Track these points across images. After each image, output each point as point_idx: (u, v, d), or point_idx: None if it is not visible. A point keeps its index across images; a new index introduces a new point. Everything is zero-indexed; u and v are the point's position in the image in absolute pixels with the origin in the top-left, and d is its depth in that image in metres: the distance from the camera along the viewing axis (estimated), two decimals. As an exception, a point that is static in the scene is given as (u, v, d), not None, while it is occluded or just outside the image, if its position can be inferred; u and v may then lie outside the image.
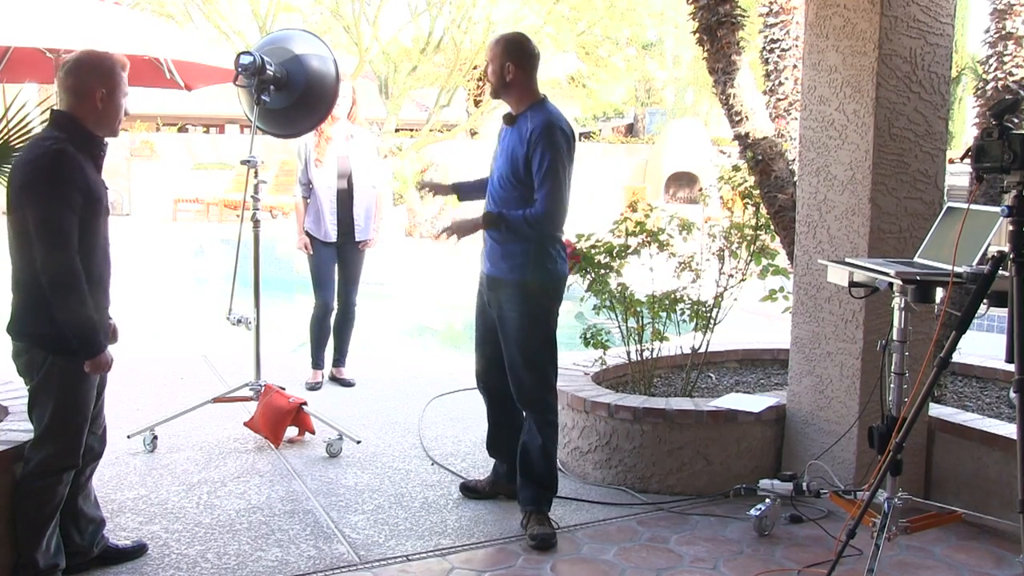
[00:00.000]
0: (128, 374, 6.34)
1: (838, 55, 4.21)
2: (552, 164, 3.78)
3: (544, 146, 3.78)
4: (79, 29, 5.84)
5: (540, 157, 3.78)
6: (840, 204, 4.25)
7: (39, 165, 3.10)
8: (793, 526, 4.08)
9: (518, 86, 3.95)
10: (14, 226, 3.15)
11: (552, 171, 3.78)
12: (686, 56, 24.36)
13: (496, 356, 4.10)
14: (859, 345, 4.18)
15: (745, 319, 6.78)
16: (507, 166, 3.92)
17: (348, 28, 20.94)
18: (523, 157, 3.84)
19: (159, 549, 3.75)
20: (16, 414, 3.67)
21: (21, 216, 3.11)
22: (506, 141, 3.99)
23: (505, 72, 3.92)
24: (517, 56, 3.93)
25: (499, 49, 3.94)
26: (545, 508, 4.04)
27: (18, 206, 3.12)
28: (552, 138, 3.79)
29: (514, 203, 3.89)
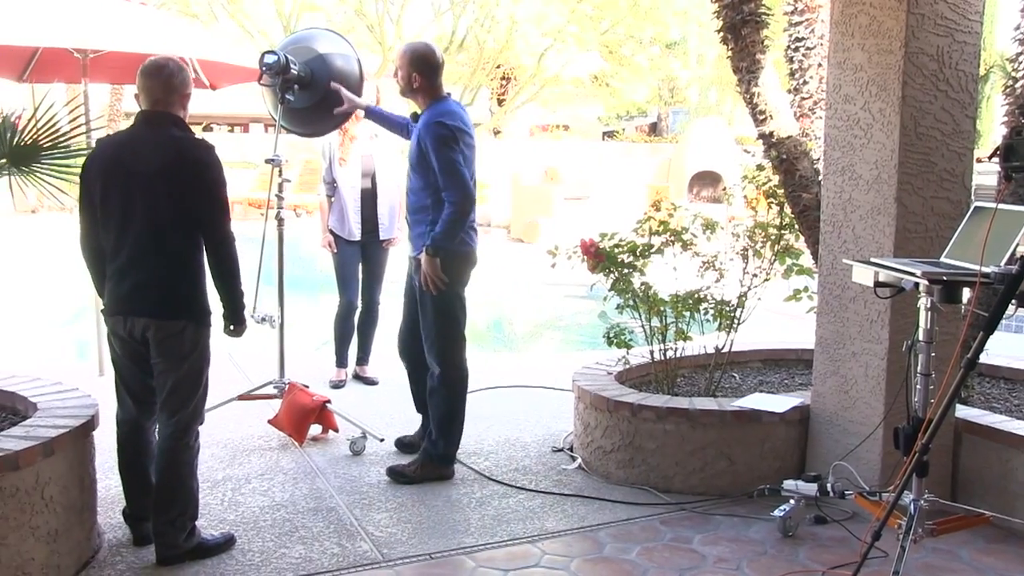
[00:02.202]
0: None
1: (864, 53, 4.18)
2: (440, 158, 4.33)
3: (431, 142, 4.34)
4: (106, 30, 5.90)
5: (434, 154, 4.34)
6: (865, 203, 4.22)
7: (215, 157, 3.55)
8: (817, 527, 4.06)
9: (422, 90, 4.50)
10: (183, 215, 3.50)
11: (444, 165, 4.33)
12: (710, 55, 24.25)
13: (415, 325, 4.68)
14: (884, 345, 4.15)
15: (769, 319, 6.75)
16: (410, 158, 4.54)
17: (372, 27, 21.01)
18: (416, 149, 4.45)
19: (184, 545, 3.77)
20: (44, 410, 3.70)
21: (189, 206, 3.49)
22: (414, 136, 4.54)
23: (412, 80, 4.48)
24: (420, 66, 4.48)
25: (406, 60, 4.49)
26: (426, 461, 4.63)
27: (189, 195, 3.48)
28: (435, 133, 4.34)
29: (421, 191, 4.47)
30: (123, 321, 3.58)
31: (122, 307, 3.57)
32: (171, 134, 3.57)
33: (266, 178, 5.13)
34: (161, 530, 3.61)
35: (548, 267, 5.09)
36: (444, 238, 4.39)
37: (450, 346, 4.59)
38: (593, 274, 4.96)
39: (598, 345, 5.46)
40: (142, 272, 3.54)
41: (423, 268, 4.44)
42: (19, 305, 9.63)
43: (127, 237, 3.54)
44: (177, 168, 3.52)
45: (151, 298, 3.55)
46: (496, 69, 24.00)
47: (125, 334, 3.60)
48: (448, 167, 4.33)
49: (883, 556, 3.52)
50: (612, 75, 25.21)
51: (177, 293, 3.57)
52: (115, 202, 3.53)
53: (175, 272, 3.57)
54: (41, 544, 3.33)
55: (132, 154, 3.54)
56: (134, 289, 3.54)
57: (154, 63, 3.62)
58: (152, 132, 3.58)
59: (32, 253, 12.13)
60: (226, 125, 25.19)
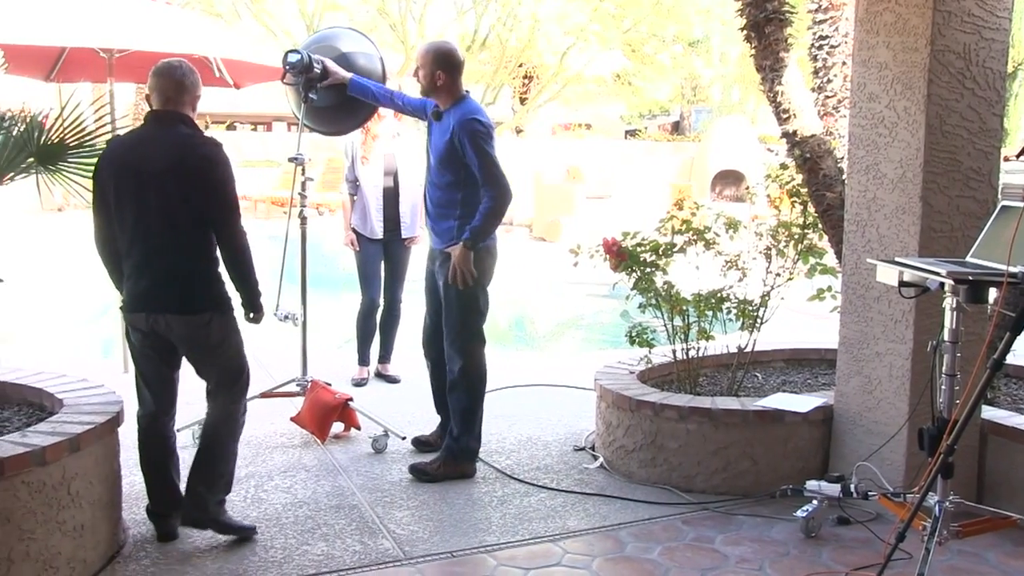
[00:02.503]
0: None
1: (889, 51, 4.15)
2: (481, 155, 4.39)
3: (467, 138, 4.39)
4: (132, 29, 5.94)
5: (471, 151, 4.40)
6: (890, 203, 4.19)
7: (223, 154, 3.67)
8: (840, 528, 4.03)
9: (445, 89, 4.55)
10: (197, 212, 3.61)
11: (484, 161, 4.40)
12: (733, 53, 24.17)
13: (440, 320, 4.69)
14: (909, 346, 4.12)
15: (792, 318, 6.71)
16: (436, 156, 4.56)
17: (394, 26, 21.06)
18: (447, 145, 4.46)
19: (206, 541, 3.80)
20: (70, 407, 3.74)
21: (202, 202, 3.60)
22: (434, 135, 4.60)
23: (436, 78, 4.52)
24: (444, 64, 4.53)
25: (429, 58, 4.53)
26: (448, 460, 4.64)
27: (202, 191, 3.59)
28: (473, 129, 4.41)
29: (449, 186, 4.53)
30: (145, 318, 3.67)
31: (144, 304, 3.66)
32: (181, 132, 3.67)
33: (289, 177, 5.15)
34: (197, 491, 3.78)
35: (570, 266, 5.09)
36: (483, 231, 4.46)
37: (473, 340, 4.63)
38: (615, 273, 4.95)
39: (620, 344, 5.44)
40: (160, 269, 3.64)
41: (455, 261, 4.47)
42: (45, 302, 9.72)
43: (142, 234, 3.63)
44: (187, 165, 3.61)
45: (173, 295, 3.65)
46: (518, 68, 24.00)
47: (147, 328, 3.68)
48: (487, 162, 4.41)
49: (907, 558, 3.49)
50: (634, 73, 25.16)
51: (197, 287, 3.68)
52: (129, 201, 3.61)
53: (192, 267, 3.68)
54: (67, 538, 3.37)
55: (144, 153, 3.63)
56: (154, 286, 3.64)
57: (167, 63, 3.72)
58: (162, 131, 3.67)
59: (58, 251, 12.24)
60: (249, 124, 25.32)
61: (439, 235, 4.63)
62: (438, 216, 4.62)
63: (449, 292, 4.56)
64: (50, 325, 9.46)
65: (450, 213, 4.56)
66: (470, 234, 4.45)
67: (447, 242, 4.56)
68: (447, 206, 4.57)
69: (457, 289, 4.52)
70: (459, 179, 4.51)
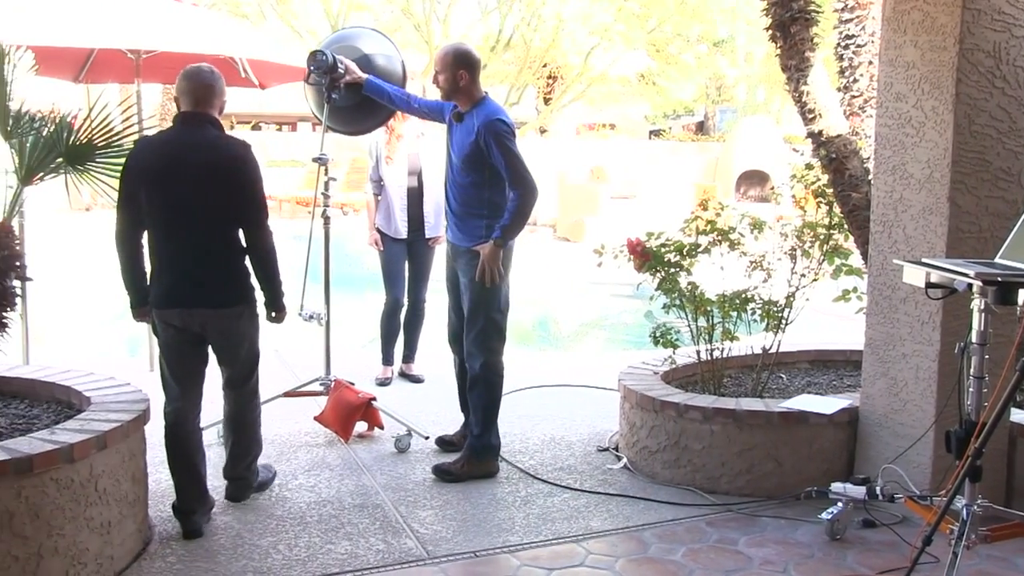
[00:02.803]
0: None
1: (916, 50, 4.11)
2: (508, 155, 4.44)
3: (493, 138, 4.43)
4: (159, 31, 6.00)
5: (497, 151, 4.44)
6: (917, 203, 4.15)
7: (253, 155, 3.85)
8: (866, 531, 4.01)
9: (467, 89, 4.57)
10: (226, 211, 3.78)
11: (511, 161, 4.45)
12: (758, 53, 24.04)
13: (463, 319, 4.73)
14: (936, 347, 4.08)
15: (817, 319, 6.68)
16: (460, 157, 4.57)
17: (419, 26, 21.10)
18: (472, 146, 4.48)
19: (232, 540, 3.83)
20: (98, 404, 3.77)
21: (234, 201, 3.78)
22: (456, 136, 4.62)
23: (459, 78, 4.53)
24: (466, 65, 4.55)
25: (450, 60, 4.54)
26: (472, 458, 4.65)
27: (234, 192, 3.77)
28: (498, 130, 4.45)
29: (474, 185, 4.57)
30: (179, 313, 3.81)
31: (179, 300, 3.80)
32: (212, 134, 3.82)
33: (314, 176, 5.18)
34: (241, 476, 4.17)
35: (594, 266, 5.09)
36: (513, 229, 4.54)
37: (497, 337, 4.66)
38: (639, 273, 4.94)
39: (644, 345, 5.43)
40: (195, 266, 3.79)
41: (485, 259, 4.51)
42: (73, 301, 9.81)
43: (178, 233, 3.76)
44: (220, 166, 3.76)
45: (208, 290, 3.81)
46: (543, 68, 23.99)
47: (180, 324, 3.83)
48: (514, 161, 4.45)
49: (934, 562, 3.46)
50: (659, 73, 25.10)
51: (230, 282, 3.87)
52: (161, 200, 3.72)
53: (225, 263, 3.85)
54: (95, 535, 3.40)
55: (176, 154, 3.74)
56: (190, 283, 3.78)
57: (196, 68, 3.88)
58: (193, 132, 3.80)
59: (86, 250, 12.35)
60: (274, 124, 25.45)
61: (466, 233, 4.63)
62: (465, 215, 4.64)
63: (473, 289, 4.59)
64: (78, 324, 9.56)
65: (478, 212, 4.59)
66: (501, 232, 4.50)
67: (475, 240, 4.57)
68: (474, 205, 4.60)
69: (481, 286, 4.55)
70: (484, 179, 4.55)
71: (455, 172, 4.66)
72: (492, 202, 4.58)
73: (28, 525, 3.17)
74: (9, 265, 3.51)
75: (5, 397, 4.17)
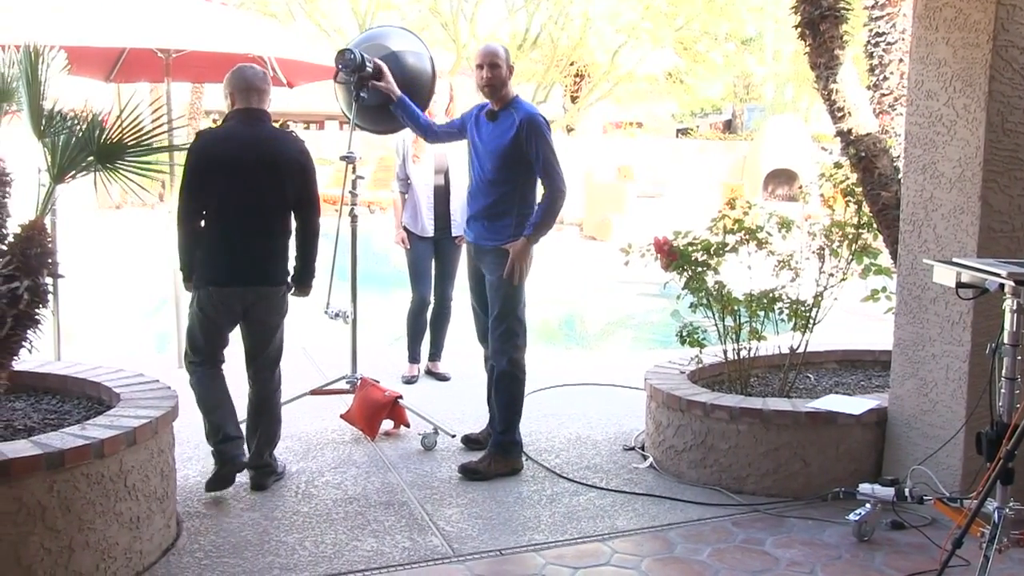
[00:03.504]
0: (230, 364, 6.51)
1: (948, 48, 4.07)
2: (548, 151, 4.56)
3: (535, 134, 4.53)
4: (189, 30, 6.04)
5: (537, 146, 4.53)
6: (948, 202, 4.11)
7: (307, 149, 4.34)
8: (894, 532, 3.97)
9: (506, 88, 4.66)
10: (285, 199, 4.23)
11: (549, 157, 4.55)
12: (786, 51, 23.87)
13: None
14: (966, 348, 4.04)
15: (845, 319, 6.62)
16: (495, 154, 4.60)
17: (446, 25, 21.13)
18: (512, 141, 4.54)
19: (259, 536, 3.85)
20: (128, 401, 3.81)
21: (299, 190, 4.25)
22: (489, 134, 4.65)
23: (510, 73, 4.66)
24: (510, 63, 4.70)
25: (501, 57, 4.64)
26: (498, 453, 4.68)
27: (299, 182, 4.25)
28: (539, 125, 4.56)
29: (507, 183, 4.60)
30: (233, 292, 4.19)
31: (237, 278, 4.19)
32: (270, 128, 4.28)
33: (341, 174, 5.20)
34: (266, 462, 4.36)
35: (621, 265, 5.07)
36: (544, 225, 4.61)
37: (523, 334, 4.72)
38: (666, 272, 4.92)
39: (670, 344, 5.41)
40: (259, 248, 4.22)
41: (515, 255, 4.56)
42: (103, 299, 9.92)
43: (242, 218, 4.16)
44: (285, 158, 4.21)
45: (265, 269, 4.24)
46: (570, 66, 23.95)
47: (231, 302, 4.21)
48: (551, 157, 4.56)
49: (965, 565, 3.43)
50: (686, 72, 24.98)
51: (281, 263, 4.31)
52: (228, 188, 4.13)
53: (282, 246, 4.31)
54: (124, 530, 3.43)
55: (244, 146, 4.17)
56: (249, 262, 4.20)
57: (249, 68, 4.30)
58: (254, 127, 4.23)
59: (116, 248, 12.47)
60: (302, 122, 25.57)
61: (494, 232, 4.65)
62: (496, 215, 4.65)
63: (502, 287, 4.61)
64: (108, 320, 9.65)
65: (509, 210, 4.62)
66: (533, 229, 4.58)
67: (504, 239, 4.61)
68: (506, 204, 4.63)
69: (509, 284, 4.59)
70: (518, 176, 4.61)
71: (486, 171, 4.67)
72: (523, 200, 4.64)
73: (60, 519, 3.21)
74: (42, 263, 3.55)
75: (37, 393, 4.22)
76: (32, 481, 3.15)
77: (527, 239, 4.57)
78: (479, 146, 4.71)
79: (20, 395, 4.16)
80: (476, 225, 4.76)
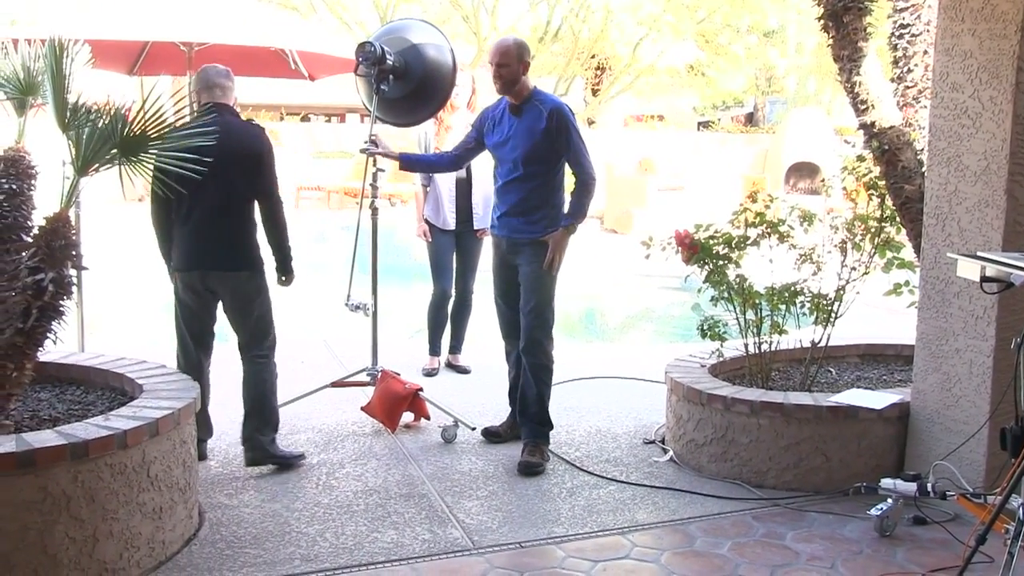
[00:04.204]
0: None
1: (974, 39, 4.03)
2: (577, 140, 4.60)
3: (566, 124, 4.57)
4: (211, 24, 6.08)
5: (567, 136, 4.57)
6: (972, 195, 4.08)
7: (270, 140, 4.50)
8: (916, 528, 3.95)
9: (524, 82, 4.63)
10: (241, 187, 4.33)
11: (580, 146, 4.60)
12: (809, 43, 23.71)
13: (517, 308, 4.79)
14: (991, 343, 4.01)
15: (867, 313, 6.58)
16: (525, 148, 4.58)
17: (467, 18, 21.12)
18: (542, 133, 4.54)
19: (280, 527, 3.88)
20: (150, 392, 3.84)
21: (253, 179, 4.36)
22: (519, 129, 4.62)
23: (523, 70, 4.60)
24: (526, 55, 4.64)
25: (513, 52, 4.59)
26: (541, 441, 4.73)
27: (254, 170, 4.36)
28: (568, 118, 4.59)
29: (539, 176, 4.61)
30: (199, 275, 4.38)
31: (199, 262, 4.36)
32: (231, 121, 4.37)
33: (362, 167, 5.21)
34: (254, 437, 4.43)
35: (642, 258, 5.06)
36: (581, 214, 4.69)
37: (554, 322, 4.77)
38: (687, 265, 4.90)
39: (691, 337, 5.40)
40: (213, 234, 4.33)
41: (557, 245, 4.62)
42: (127, 290, 9.98)
43: (199, 206, 4.29)
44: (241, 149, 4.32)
45: (224, 254, 4.35)
46: (591, 59, 23.90)
47: (200, 286, 4.39)
48: (581, 146, 4.61)
49: (989, 562, 3.40)
50: (708, 64, 24.88)
51: (240, 249, 4.38)
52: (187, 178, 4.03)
53: (237, 232, 4.37)
54: (147, 520, 3.46)
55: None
56: (210, 247, 4.35)
57: (212, 67, 4.51)
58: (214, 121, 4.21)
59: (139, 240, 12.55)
60: (323, 115, 25.65)
61: (532, 226, 4.66)
62: (530, 209, 4.65)
63: (540, 278, 4.65)
64: (131, 312, 9.72)
65: (543, 203, 4.65)
66: (571, 219, 4.65)
67: (541, 231, 4.64)
68: (538, 197, 4.65)
69: (546, 276, 4.64)
70: (548, 168, 4.63)
71: (517, 166, 4.64)
72: (554, 191, 4.69)
73: (84, 508, 3.24)
74: (66, 254, 3.58)
75: (62, 383, 4.27)
76: (57, 471, 3.18)
77: (565, 230, 4.63)
78: (506, 143, 4.69)
79: (45, 386, 4.20)
80: (510, 221, 4.74)
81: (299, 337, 7.64)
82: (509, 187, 4.71)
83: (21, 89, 4.02)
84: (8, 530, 3.11)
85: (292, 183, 18.95)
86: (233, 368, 4.54)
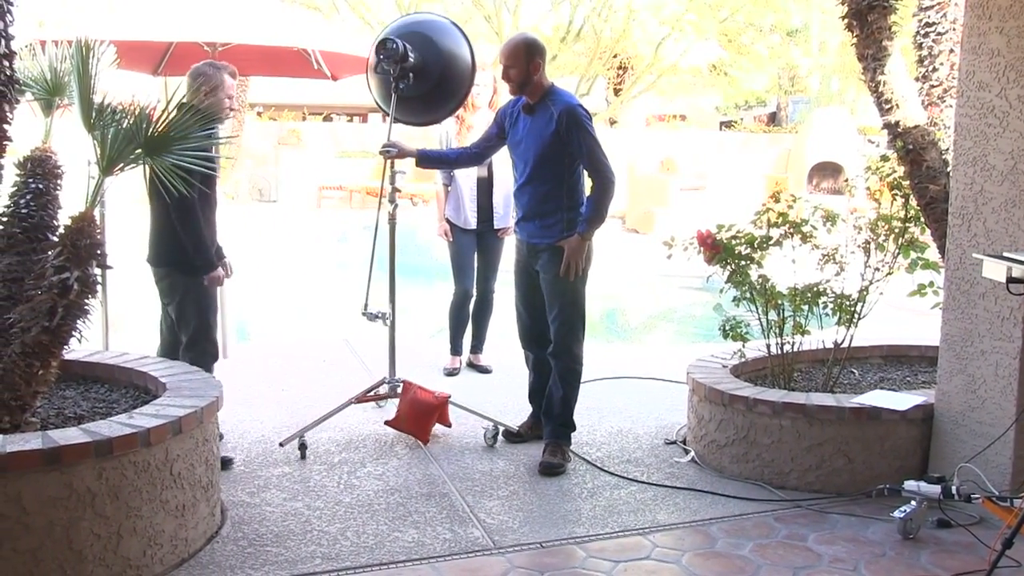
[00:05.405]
0: (275, 355, 6.59)
1: (1002, 37, 4.00)
2: (591, 141, 4.46)
3: (576, 126, 4.42)
4: (235, 24, 6.11)
5: (578, 138, 4.43)
6: (999, 195, 4.04)
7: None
8: (940, 531, 3.92)
9: (539, 78, 4.51)
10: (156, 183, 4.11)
11: (593, 147, 4.46)
12: (832, 42, 23.58)
13: (540, 315, 4.74)
14: (1017, 344, 3.97)
15: (891, 314, 6.53)
16: (537, 150, 4.50)
17: (489, 17, 21.13)
18: (552, 136, 4.43)
19: (301, 525, 3.89)
20: (174, 390, 3.87)
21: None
22: (531, 130, 4.54)
23: (533, 71, 4.47)
24: (538, 54, 4.50)
25: (522, 51, 4.46)
26: (562, 441, 4.70)
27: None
28: (579, 116, 4.44)
29: (554, 178, 4.52)
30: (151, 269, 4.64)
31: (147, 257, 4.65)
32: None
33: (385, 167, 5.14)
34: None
35: (663, 258, 5.04)
36: (596, 219, 4.54)
37: (582, 327, 4.71)
38: (709, 266, 4.89)
39: (713, 338, 5.38)
40: (150, 230, 4.60)
41: (573, 252, 4.52)
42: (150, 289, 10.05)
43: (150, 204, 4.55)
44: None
45: (152, 250, 4.60)
46: (613, 59, 23.85)
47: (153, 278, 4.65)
48: (596, 148, 4.47)
49: (1016, 566, 3.37)
50: (731, 64, 24.76)
51: (161, 246, 4.54)
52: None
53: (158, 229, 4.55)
54: (170, 517, 3.49)
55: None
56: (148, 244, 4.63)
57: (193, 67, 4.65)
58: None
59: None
60: (345, 115, 25.72)
61: (547, 230, 4.59)
62: (545, 212, 4.58)
63: (559, 284, 4.57)
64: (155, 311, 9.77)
65: (558, 206, 4.55)
66: (587, 225, 4.52)
67: (556, 236, 4.55)
68: (552, 201, 4.56)
69: (569, 282, 4.55)
70: (563, 170, 4.51)
71: (530, 168, 4.58)
72: (570, 195, 4.56)
73: (108, 505, 3.27)
74: (91, 253, 3.61)
75: (87, 382, 4.31)
76: (82, 468, 3.21)
77: (581, 236, 4.51)
78: (520, 143, 4.65)
79: (70, 384, 4.24)
80: (528, 224, 4.70)
81: (321, 337, 7.68)
82: (524, 189, 4.67)
83: (48, 90, 4.08)
84: (35, 526, 3.14)
85: (314, 183, 19.03)
86: (255, 367, 4.56)
